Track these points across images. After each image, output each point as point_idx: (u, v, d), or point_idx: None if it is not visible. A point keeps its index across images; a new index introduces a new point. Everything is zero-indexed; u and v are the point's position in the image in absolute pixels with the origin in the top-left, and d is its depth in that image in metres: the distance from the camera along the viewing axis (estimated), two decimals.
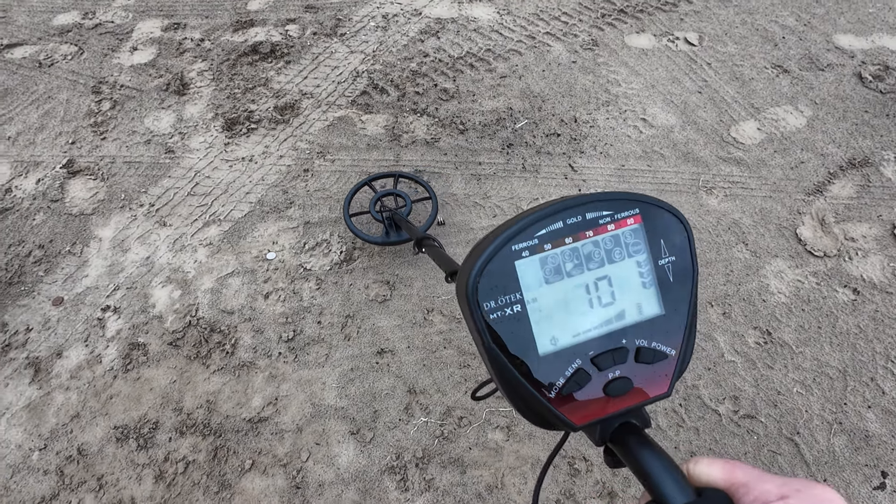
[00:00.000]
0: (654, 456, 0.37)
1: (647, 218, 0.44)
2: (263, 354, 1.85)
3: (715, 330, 1.88)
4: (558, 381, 0.41)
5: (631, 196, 0.44)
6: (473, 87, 2.61)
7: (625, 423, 0.42)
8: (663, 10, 2.97)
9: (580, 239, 0.42)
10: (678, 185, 2.25)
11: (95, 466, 1.66)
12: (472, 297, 0.40)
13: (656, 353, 0.43)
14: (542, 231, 0.41)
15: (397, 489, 1.61)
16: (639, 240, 0.44)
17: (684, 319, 0.44)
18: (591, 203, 0.43)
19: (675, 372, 0.44)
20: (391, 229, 1.94)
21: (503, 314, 0.41)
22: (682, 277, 0.44)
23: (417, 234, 1.42)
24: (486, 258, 0.40)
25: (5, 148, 2.43)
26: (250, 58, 2.76)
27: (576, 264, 0.42)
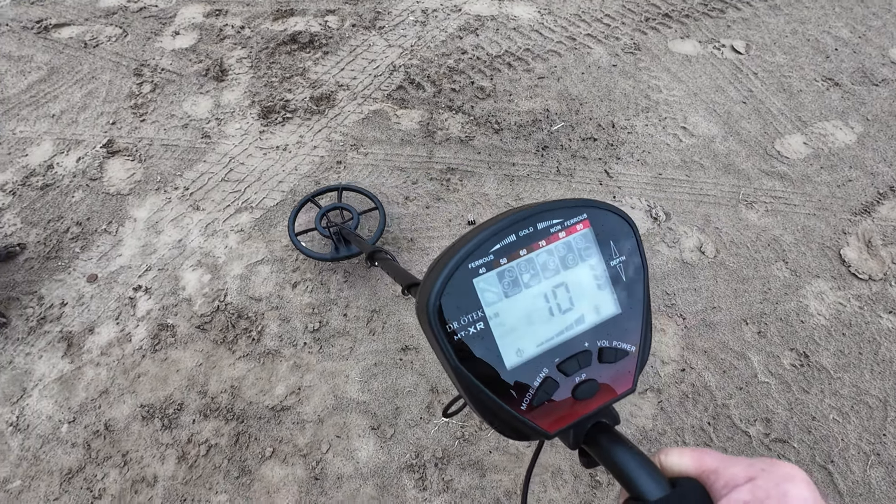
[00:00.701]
0: (627, 453, 0.38)
1: (595, 222, 0.44)
2: (289, 343, 1.86)
3: (749, 349, 1.82)
4: (528, 392, 0.41)
5: (577, 202, 0.44)
6: (510, 87, 2.58)
7: (596, 423, 0.43)
8: (710, 15, 2.88)
9: (534, 249, 0.43)
10: (717, 197, 2.19)
11: (121, 443, 1.69)
12: (433, 319, 0.40)
13: (618, 351, 0.44)
14: (496, 246, 0.42)
15: (415, 487, 1.60)
16: (589, 244, 0.44)
17: (640, 315, 0.45)
18: (541, 213, 0.43)
19: (637, 366, 0.45)
20: (340, 244, 1.90)
21: (467, 333, 0.41)
22: (634, 275, 0.45)
23: (368, 247, 1.37)
24: (444, 279, 0.40)
25: (49, 125, 2.49)
26: (289, 47, 2.77)
27: (532, 275, 0.43)
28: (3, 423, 1.73)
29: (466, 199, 2.20)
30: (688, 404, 1.72)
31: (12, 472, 1.65)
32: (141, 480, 1.63)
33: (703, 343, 1.84)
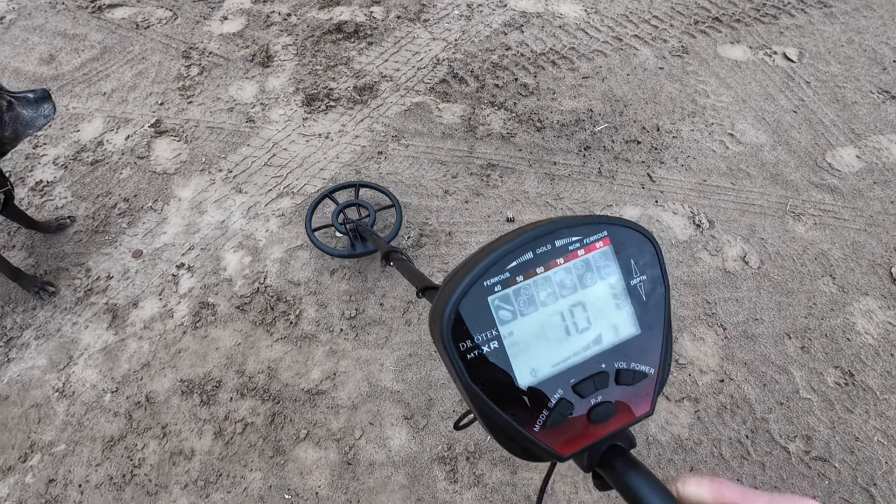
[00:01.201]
0: (642, 478, 0.37)
1: (615, 240, 0.43)
2: (325, 329, 1.88)
3: (791, 363, 1.78)
4: (542, 413, 0.40)
5: (597, 219, 0.43)
6: (554, 85, 2.55)
7: (611, 446, 0.42)
8: (762, 21, 2.81)
9: (551, 267, 0.41)
10: (763, 207, 2.14)
11: (161, 415, 1.74)
12: (446, 337, 0.39)
13: (636, 373, 0.42)
14: (512, 263, 0.40)
15: (446, 479, 1.61)
16: (609, 262, 0.43)
17: (660, 336, 0.44)
18: (559, 230, 0.42)
19: (656, 389, 0.43)
20: (357, 241, 1.89)
21: (480, 352, 0.40)
22: (655, 295, 0.44)
23: (384, 247, 1.37)
24: (458, 296, 0.39)
25: (100, 103, 2.56)
26: (334, 36, 2.79)
27: (549, 293, 0.41)
28: (50, 389, 1.79)
29: (506, 196, 2.19)
30: (726, 416, 1.69)
31: (57, 437, 1.71)
32: (179, 453, 1.67)
33: (743, 354, 1.80)
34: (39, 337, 1.89)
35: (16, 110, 1.55)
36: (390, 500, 1.58)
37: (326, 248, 1.93)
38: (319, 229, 2.01)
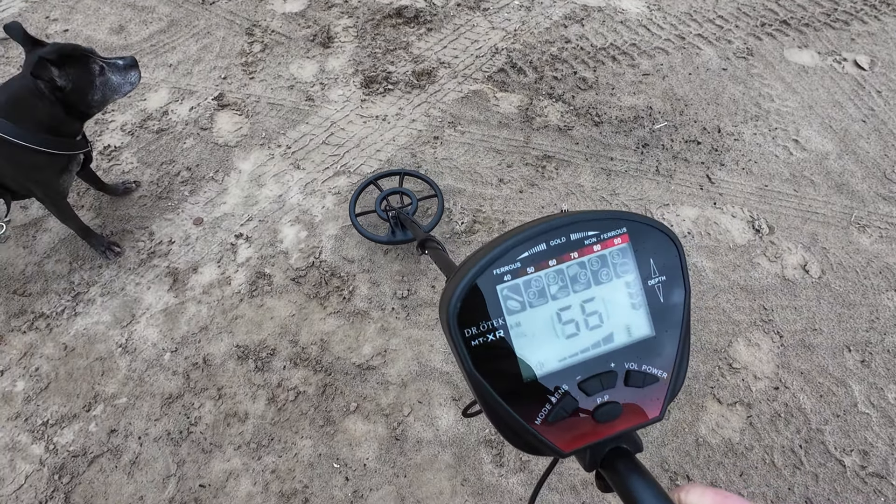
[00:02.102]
0: (643, 484, 0.36)
1: (635, 237, 0.41)
2: (377, 307, 1.91)
3: (850, 377, 1.74)
4: (544, 407, 0.39)
5: (617, 215, 0.41)
6: (613, 81, 2.53)
7: (615, 447, 0.40)
8: (832, 26, 2.73)
9: (565, 260, 0.40)
10: (826, 216, 2.09)
11: (217, 377, 1.79)
12: (452, 322, 0.39)
13: (647, 376, 0.41)
14: (524, 254, 0.40)
15: (492, 463, 1.62)
16: (627, 259, 0.41)
17: (676, 341, 0.42)
18: (576, 223, 0.40)
19: (668, 395, 0.42)
20: (397, 228, 1.90)
21: (485, 340, 0.39)
22: (675, 298, 0.42)
23: (421, 234, 1.37)
24: (467, 283, 0.39)
25: (166, 74, 2.63)
26: (394, 20, 2.81)
27: (561, 287, 0.40)
28: (114, 344, 1.86)
29: (561, 188, 2.18)
30: (779, 423, 1.66)
31: (119, 390, 1.78)
32: (233, 415, 1.72)
33: (800, 364, 1.77)
34: (105, 294, 1.96)
35: (106, 75, 1.61)
36: (436, 478, 1.61)
37: (367, 233, 1.95)
38: (363, 214, 2.04)
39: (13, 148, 1.54)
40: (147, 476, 1.63)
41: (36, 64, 1.44)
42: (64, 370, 1.82)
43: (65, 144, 1.64)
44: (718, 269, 1.97)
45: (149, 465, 1.65)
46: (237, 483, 1.61)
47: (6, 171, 1.63)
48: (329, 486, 1.60)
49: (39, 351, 1.85)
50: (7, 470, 1.65)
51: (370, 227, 2.05)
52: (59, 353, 1.85)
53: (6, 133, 1.51)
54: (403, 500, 1.57)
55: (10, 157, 1.58)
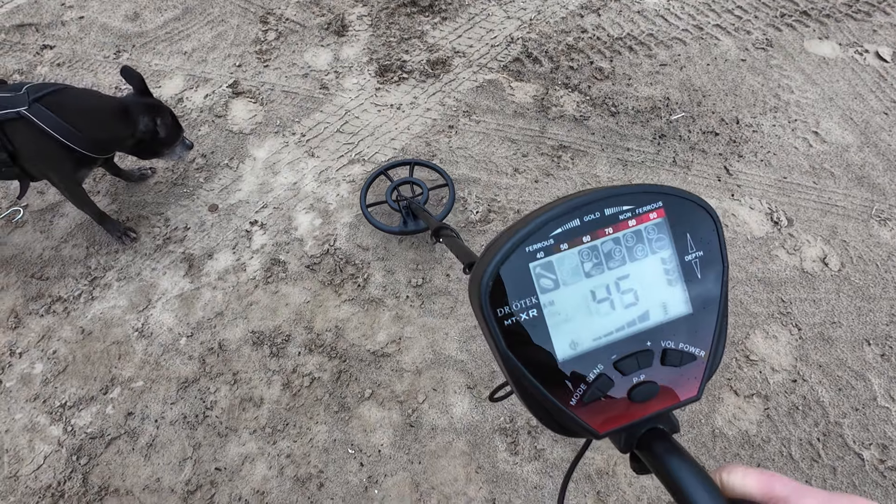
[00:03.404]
0: (683, 464, 0.35)
1: (671, 211, 0.40)
2: (392, 294, 1.91)
3: (869, 370, 1.72)
4: (579, 387, 0.39)
5: (652, 188, 0.40)
6: (630, 71, 2.50)
7: (651, 428, 0.39)
8: (854, 17, 2.68)
9: (599, 237, 0.39)
10: (846, 209, 2.06)
11: (232, 362, 1.80)
12: (484, 301, 0.38)
13: (684, 354, 0.40)
14: (557, 230, 0.38)
15: (507, 451, 1.62)
16: (663, 234, 0.40)
17: (714, 318, 0.41)
18: (610, 198, 0.39)
19: (705, 374, 0.41)
20: (409, 218, 1.89)
21: (518, 319, 0.38)
22: (712, 273, 0.40)
23: (434, 223, 1.36)
24: (499, 261, 0.38)
25: (181, 62, 2.63)
26: (408, 9, 2.79)
27: (595, 264, 0.39)
28: (130, 328, 1.87)
29: (576, 178, 2.17)
30: (797, 416, 1.65)
31: (136, 373, 1.79)
32: (248, 400, 1.73)
33: (818, 357, 1.75)
34: (121, 279, 1.98)
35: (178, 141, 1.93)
36: (451, 464, 1.61)
37: (379, 223, 1.95)
38: (374, 205, 2.03)
39: (59, 148, 1.63)
40: (163, 458, 1.65)
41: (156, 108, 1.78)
42: (81, 353, 1.83)
43: (104, 152, 1.78)
44: (736, 261, 1.95)
45: (165, 448, 1.66)
46: (253, 467, 1.62)
47: (37, 160, 1.67)
48: (344, 472, 1.61)
49: (57, 334, 1.87)
50: (26, 450, 1.67)
51: (383, 217, 2.05)
52: (76, 336, 1.87)
53: (65, 137, 1.61)
54: (418, 486, 1.58)
55: (49, 153, 1.65)
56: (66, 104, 1.64)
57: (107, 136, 1.73)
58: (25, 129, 1.57)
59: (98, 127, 1.70)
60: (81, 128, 1.64)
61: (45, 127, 1.57)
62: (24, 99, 1.55)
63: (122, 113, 1.73)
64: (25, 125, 1.56)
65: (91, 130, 1.67)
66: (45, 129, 1.58)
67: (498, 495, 1.56)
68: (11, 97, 1.55)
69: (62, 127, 1.59)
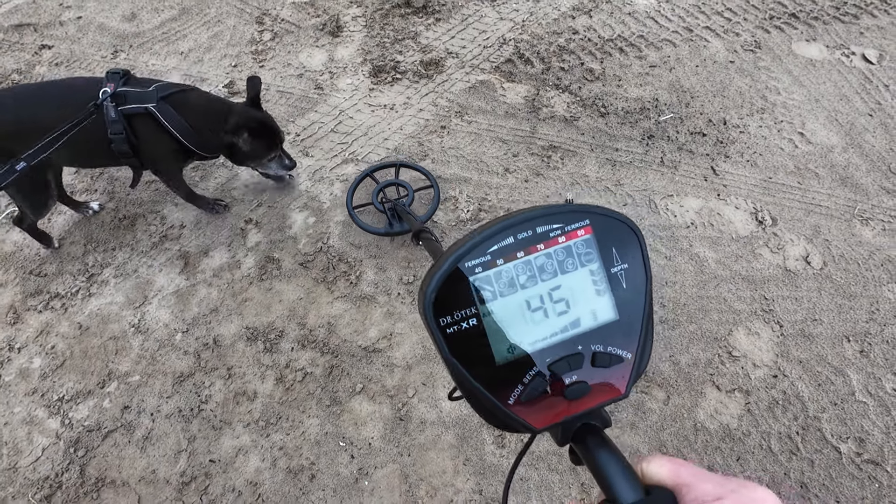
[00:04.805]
0: (609, 456, 0.38)
1: (597, 228, 0.44)
2: (384, 291, 1.95)
3: (848, 366, 1.76)
4: (517, 388, 0.42)
5: (580, 208, 0.44)
6: (620, 72, 2.54)
7: (585, 423, 0.43)
8: (841, 20, 2.72)
9: (532, 252, 0.43)
10: (830, 209, 2.10)
11: (227, 357, 1.84)
12: (428, 313, 0.41)
13: (612, 356, 0.44)
14: (493, 247, 0.42)
15: (494, 444, 1.66)
16: (591, 249, 0.44)
17: (639, 323, 0.45)
18: (541, 217, 0.43)
19: (632, 374, 0.44)
20: (394, 219, 1.94)
21: (460, 328, 0.42)
22: (637, 283, 0.45)
23: (416, 225, 1.42)
24: (441, 275, 0.41)
25: (177, 61, 2.67)
26: (402, 10, 2.83)
27: (529, 276, 0.43)
28: (127, 324, 1.91)
29: (566, 178, 2.21)
30: (777, 410, 1.69)
31: (133, 368, 1.83)
32: (242, 394, 1.77)
33: (799, 353, 1.79)
34: (118, 276, 2.01)
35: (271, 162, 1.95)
36: (439, 457, 1.65)
37: (365, 224, 1.99)
38: (361, 207, 2.07)
39: (174, 143, 1.77)
40: (159, 451, 1.69)
41: (246, 121, 1.78)
42: (79, 348, 1.87)
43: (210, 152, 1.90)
44: (721, 260, 1.99)
45: (161, 441, 1.70)
46: (246, 459, 1.66)
47: (153, 152, 1.81)
48: (335, 464, 1.65)
49: (55, 329, 1.91)
50: (25, 443, 1.71)
51: (371, 219, 2.09)
52: (73, 331, 1.90)
53: (182, 135, 1.75)
54: (407, 478, 1.62)
55: (165, 147, 1.78)
56: (189, 104, 1.75)
57: (212, 138, 1.81)
58: (150, 123, 1.69)
59: (207, 129, 1.78)
60: (197, 128, 1.76)
61: (166, 123, 1.69)
62: (153, 96, 1.67)
63: (224, 119, 1.78)
64: (151, 120, 1.68)
65: (202, 132, 1.77)
66: (166, 126, 1.69)
67: (485, 487, 1.60)
68: (141, 93, 1.67)
69: (182, 125, 1.71)
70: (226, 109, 1.80)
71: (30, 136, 1.55)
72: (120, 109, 1.65)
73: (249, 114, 1.81)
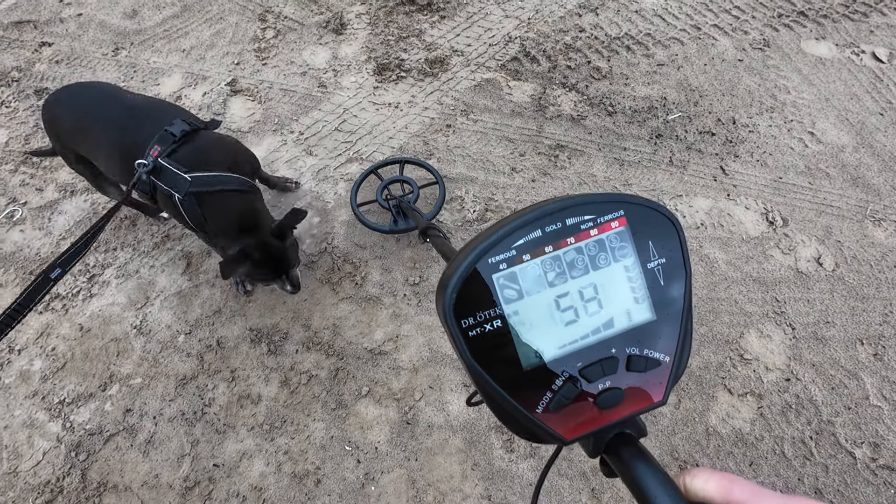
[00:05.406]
0: (647, 468, 0.35)
1: (633, 219, 0.40)
2: (389, 293, 1.92)
3: (862, 369, 1.73)
4: (545, 395, 0.39)
5: (614, 197, 0.40)
6: (627, 71, 2.51)
7: (619, 433, 0.40)
8: (851, 18, 2.69)
9: (561, 246, 0.39)
10: (841, 209, 2.07)
11: (230, 359, 1.81)
12: (449, 314, 0.38)
13: (649, 360, 0.40)
14: (519, 241, 0.39)
15: (503, 448, 1.63)
16: (625, 243, 0.40)
17: (678, 324, 0.41)
18: (571, 208, 0.39)
19: (671, 378, 0.41)
20: (399, 217, 1.89)
21: (483, 330, 0.38)
22: (674, 280, 0.41)
23: (423, 222, 1.36)
24: (462, 274, 0.38)
25: (179, 59, 2.63)
26: (407, 8, 2.80)
27: (558, 273, 0.40)
28: (129, 326, 1.88)
29: (573, 178, 2.18)
30: (790, 415, 1.66)
31: (135, 370, 1.80)
32: (246, 397, 1.74)
33: (811, 356, 1.76)
34: (120, 276, 1.98)
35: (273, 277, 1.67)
36: (447, 461, 1.62)
37: (369, 222, 1.95)
38: (365, 204, 2.04)
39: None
40: (162, 455, 1.66)
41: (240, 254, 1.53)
42: (80, 350, 1.84)
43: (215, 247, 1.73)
44: (731, 261, 1.96)
45: (163, 445, 1.67)
46: (250, 463, 1.63)
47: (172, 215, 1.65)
48: (341, 468, 1.62)
49: (56, 331, 1.88)
50: (25, 446, 1.68)
51: (376, 217, 2.06)
52: (74, 333, 1.87)
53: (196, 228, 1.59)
54: (415, 483, 1.59)
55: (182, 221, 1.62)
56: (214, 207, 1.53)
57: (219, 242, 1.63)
58: (171, 202, 1.52)
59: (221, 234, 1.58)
60: (212, 231, 1.58)
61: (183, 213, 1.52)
62: (183, 187, 1.48)
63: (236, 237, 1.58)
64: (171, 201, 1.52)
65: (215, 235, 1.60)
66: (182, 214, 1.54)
67: (494, 492, 1.57)
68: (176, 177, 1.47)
69: (199, 221, 1.54)
70: (247, 226, 1.58)
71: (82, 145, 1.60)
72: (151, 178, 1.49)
73: (262, 244, 1.58)
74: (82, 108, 1.58)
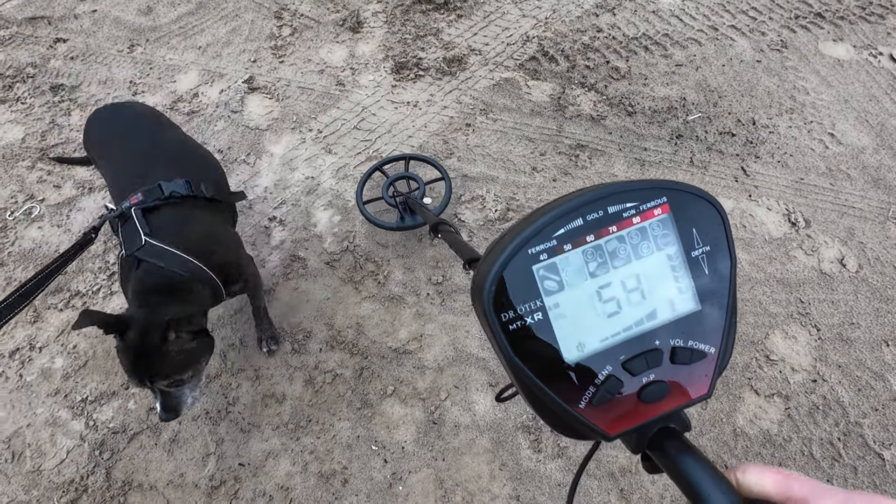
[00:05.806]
0: (696, 464, 0.34)
1: (675, 206, 0.39)
2: (412, 292, 1.91)
3: (889, 371, 1.73)
4: (588, 389, 0.38)
5: (656, 184, 0.39)
6: (646, 71, 2.50)
7: (663, 427, 0.39)
8: (868, 20, 2.69)
9: (603, 235, 0.38)
10: (863, 210, 2.07)
11: (254, 358, 1.80)
12: (488, 307, 0.37)
13: (694, 352, 0.39)
14: (560, 230, 0.38)
15: (530, 448, 1.63)
16: (668, 231, 0.39)
17: (723, 314, 0.40)
18: (613, 195, 0.38)
19: (716, 370, 0.40)
20: (406, 214, 1.88)
21: (523, 323, 0.37)
22: (719, 268, 0.40)
23: (432, 219, 1.30)
24: (501, 265, 0.37)
25: (195, 56, 2.62)
26: (423, 6, 2.79)
27: (600, 263, 0.39)
28: None
29: (594, 178, 2.17)
30: (818, 416, 1.66)
31: None
32: (271, 396, 1.73)
33: (837, 357, 1.76)
34: None
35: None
36: (475, 461, 1.61)
37: (376, 219, 1.93)
38: (372, 201, 2.02)
39: None
40: (187, 454, 1.64)
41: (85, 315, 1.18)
42: (101, 348, 1.83)
43: None
44: (754, 262, 1.96)
45: (188, 444, 1.66)
46: (276, 463, 1.62)
47: None
48: (368, 468, 1.61)
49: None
50: (48, 445, 1.67)
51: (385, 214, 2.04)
52: (96, 331, 1.85)
53: None
54: (442, 483, 1.58)
55: None
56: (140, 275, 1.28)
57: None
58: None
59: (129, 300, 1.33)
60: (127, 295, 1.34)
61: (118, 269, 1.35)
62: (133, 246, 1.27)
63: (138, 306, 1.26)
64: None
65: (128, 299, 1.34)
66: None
67: (522, 492, 1.56)
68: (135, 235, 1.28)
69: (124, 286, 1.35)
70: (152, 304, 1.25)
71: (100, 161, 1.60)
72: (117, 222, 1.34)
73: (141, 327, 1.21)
74: (114, 130, 1.56)
